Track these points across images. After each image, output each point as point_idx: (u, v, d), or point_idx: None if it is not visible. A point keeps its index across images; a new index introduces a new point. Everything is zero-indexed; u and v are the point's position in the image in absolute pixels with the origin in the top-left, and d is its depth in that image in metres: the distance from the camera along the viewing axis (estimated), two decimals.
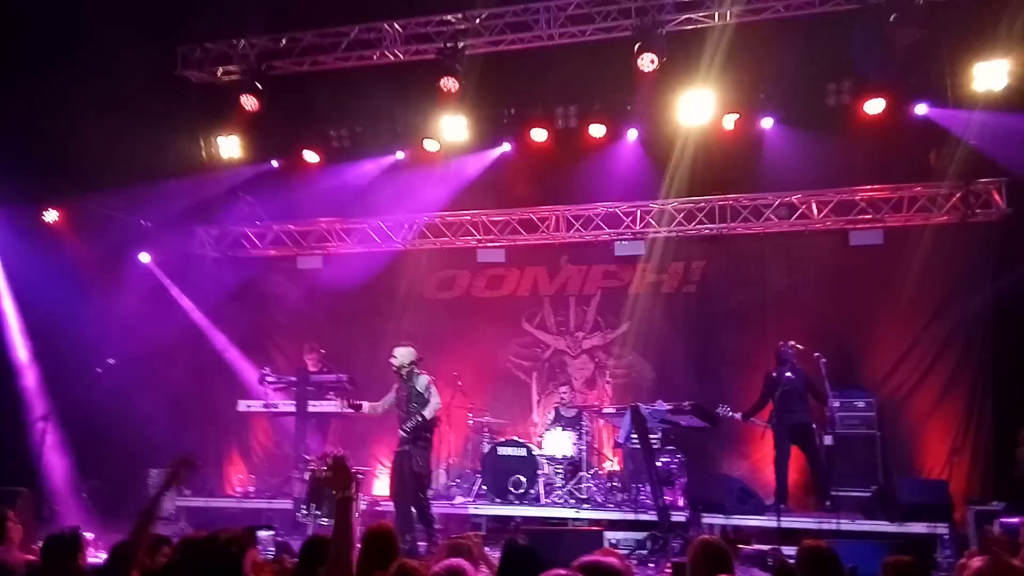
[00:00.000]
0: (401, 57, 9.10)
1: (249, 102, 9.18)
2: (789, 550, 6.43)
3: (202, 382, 10.69)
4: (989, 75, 8.01)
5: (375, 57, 9.14)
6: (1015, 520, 5.79)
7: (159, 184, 9.73)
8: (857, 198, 9.56)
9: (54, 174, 9.53)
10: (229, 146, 9.90)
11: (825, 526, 7.11)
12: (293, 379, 9.50)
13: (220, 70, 9.43)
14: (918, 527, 7.09)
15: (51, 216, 9.75)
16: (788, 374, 8.12)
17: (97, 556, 5.51)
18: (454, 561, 3.23)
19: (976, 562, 3.03)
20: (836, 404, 7.89)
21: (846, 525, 7.13)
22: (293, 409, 9.38)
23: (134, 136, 8.96)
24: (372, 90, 9.31)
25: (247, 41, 9.22)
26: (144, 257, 10.69)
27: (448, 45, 8.71)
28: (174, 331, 10.34)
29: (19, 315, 9.14)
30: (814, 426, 7.51)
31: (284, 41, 9.22)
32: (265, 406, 9.64)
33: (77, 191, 9.73)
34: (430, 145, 9.75)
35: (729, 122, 9.10)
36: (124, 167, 9.22)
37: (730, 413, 8.41)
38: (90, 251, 9.58)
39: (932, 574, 3.98)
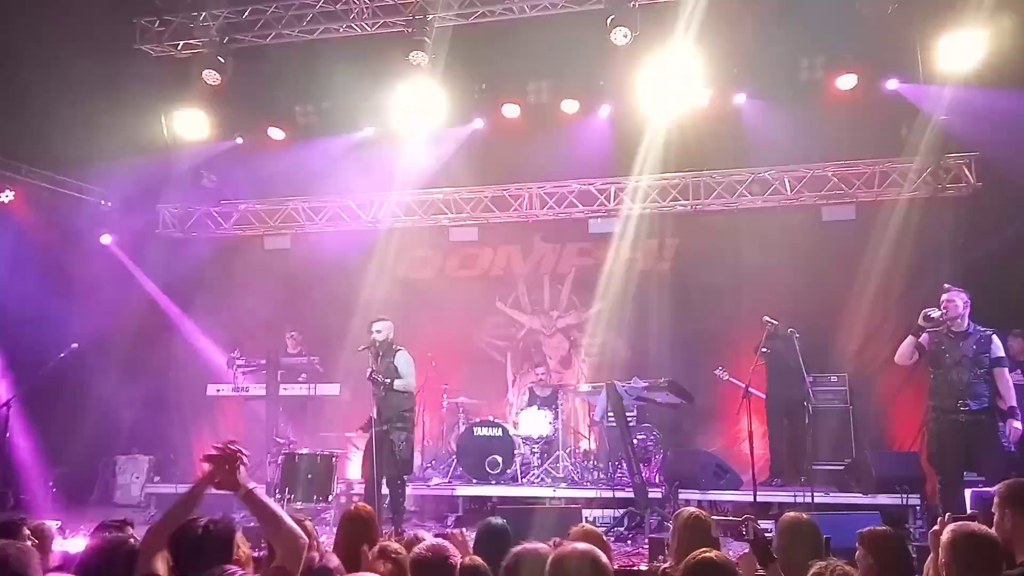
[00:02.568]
0: (368, 30, 8.86)
1: (211, 77, 8.90)
2: (766, 523, 6.48)
3: (169, 366, 10.46)
4: (959, 50, 8.03)
5: (341, 30, 8.88)
6: (989, 490, 5.86)
7: (119, 163, 9.44)
8: (829, 173, 9.60)
9: (8, 152, 9.20)
10: (191, 123, 9.60)
11: (800, 499, 7.16)
12: (262, 362, 9.32)
13: (180, 44, 9.10)
14: (891, 498, 7.17)
15: (6, 196, 9.41)
16: (781, 349, 8.11)
17: (64, 544, 5.35)
18: (438, 542, 3.17)
19: (947, 534, 3.03)
20: (810, 379, 7.91)
21: (820, 498, 7.18)
22: (264, 393, 9.21)
23: (92, 113, 8.68)
24: (339, 64, 9.07)
25: (208, 13, 8.89)
26: (106, 238, 10.39)
27: (416, 17, 8.50)
28: (139, 314, 10.09)
29: None
30: (806, 402, 7.54)
31: (247, 13, 8.90)
32: (235, 390, 9.47)
33: (33, 170, 9.41)
34: (399, 122, 9.54)
35: (703, 98, 9.02)
36: (82, 146, 8.94)
37: (726, 376, 8.44)
38: (50, 233, 9.30)
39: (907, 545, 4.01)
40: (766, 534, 4.17)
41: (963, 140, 8.84)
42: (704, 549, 3.05)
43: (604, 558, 2.72)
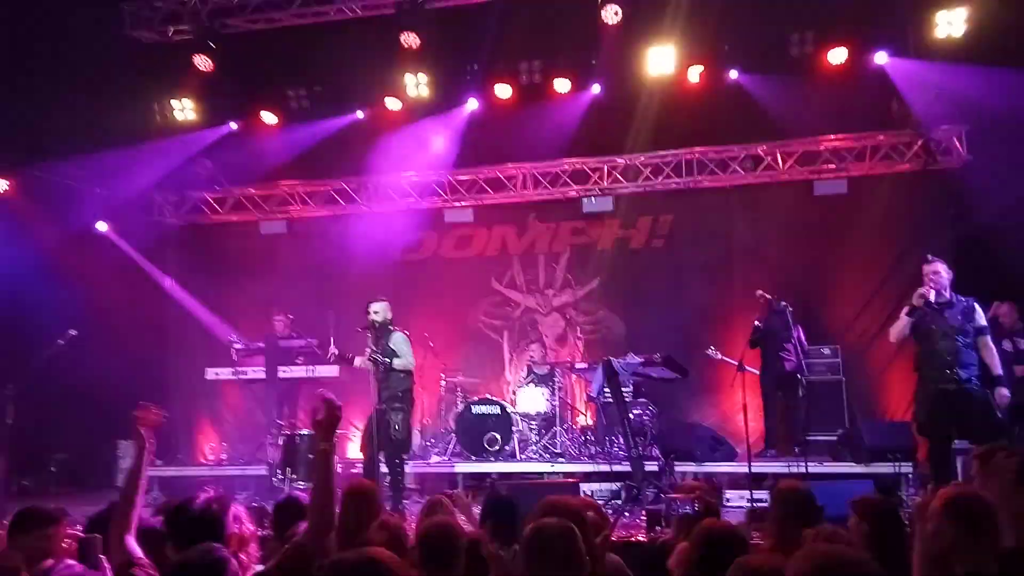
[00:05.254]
0: (359, 12, 8.84)
1: (203, 62, 8.90)
2: (760, 493, 6.62)
3: (168, 351, 10.53)
4: (950, 23, 8.08)
5: (332, 13, 8.86)
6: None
7: (113, 150, 9.42)
8: (821, 148, 9.65)
9: (1, 143, 9.18)
10: (184, 109, 9.60)
11: (794, 470, 7.28)
12: (261, 345, 9.39)
13: (171, 29, 9.07)
14: (884, 467, 7.31)
15: (1, 186, 9.41)
16: (775, 323, 8.22)
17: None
18: (442, 518, 3.24)
19: (940, 500, 3.07)
20: (803, 351, 8.03)
21: (814, 468, 7.31)
22: (262, 375, 9.29)
23: (84, 101, 8.65)
24: (330, 48, 9.06)
25: None
26: (101, 226, 10.39)
27: None
28: (137, 300, 10.13)
29: None
30: (800, 375, 7.65)
31: None
32: (234, 373, 9.51)
33: (27, 159, 9.40)
34: (392, 104, 9.55)
35: (694, 74, 9.05)
36: (76, 134, 8.91)
37: (719, 355, 8.56)
38: (45, 221, 9.29)
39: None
40: (760, 504, 4.30)
41: (954, 113, 8.89)
42: (715, 519, 3.10)
43: (578, 532, 2.77)
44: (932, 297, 6.14)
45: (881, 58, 8.69)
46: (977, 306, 6.27)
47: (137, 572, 2.85)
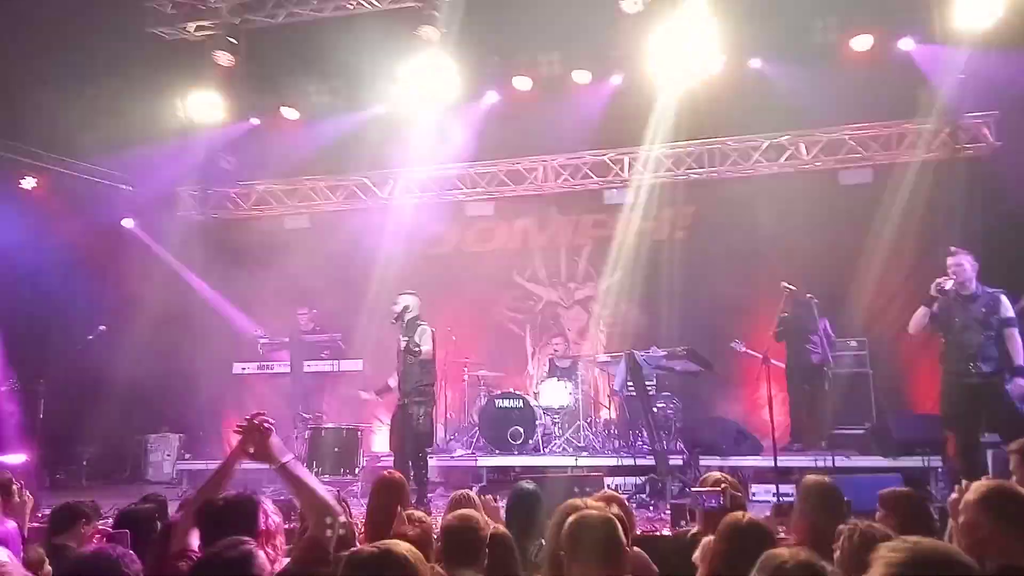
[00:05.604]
0: (379, 6, 8.84)
1: (224, 58, 8.94)
2: (787, 487, 6.56)
3: (195, 346, 10.63)
4: (976, 8, 7.90)
5: (351, 7, 8.87)
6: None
7: (138, 147, 9.54)
8: (846, 137, 9.52)
9: (29, 140, 9.32)
10: (207, 105, 9.66)
11: (821, 463, 7.22)
12: (286, 340, 9.46)
13: (192, 26, 9.12)
14: (912, 461, 7.21)
15: (29, 183, 9.55)
16: (801, 315, 8.13)
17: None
18: (465, 512, 3.24)
19: (973, 493, 3.02)
20: (829, 344, 7.94)
21: (841, 462, 7.23)
22: (288, 370, 9.36)
23: (109, 99, 8.76)
24: (350, 42, 9.07)
25: None
26: (128, 222, 10.52)
27: None
28: (163, 296, 10.24)
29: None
30: (826, 368, 7.57)
31: None
32: (260, 368, 9.62)
33: (54, 157, 9.54)
34: (412, 98, 9.54)
35: (716, 64, 8.93)
36: (101, 131, 9.02)
37: (743, 348, 8.49)
38: (72, 218, 9.43)
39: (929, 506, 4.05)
40: (786, 498, 4.25)
41: (982, 99, 8.72)
42: (742, 513, 3.06)
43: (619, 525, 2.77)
44: (948, 286, 6.04)
45: (907, 44, 8.54)
46: (1003, 298, 6.16)
47: (184, 565, 2.88)
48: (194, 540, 2.97)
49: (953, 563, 1.73)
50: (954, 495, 3.29)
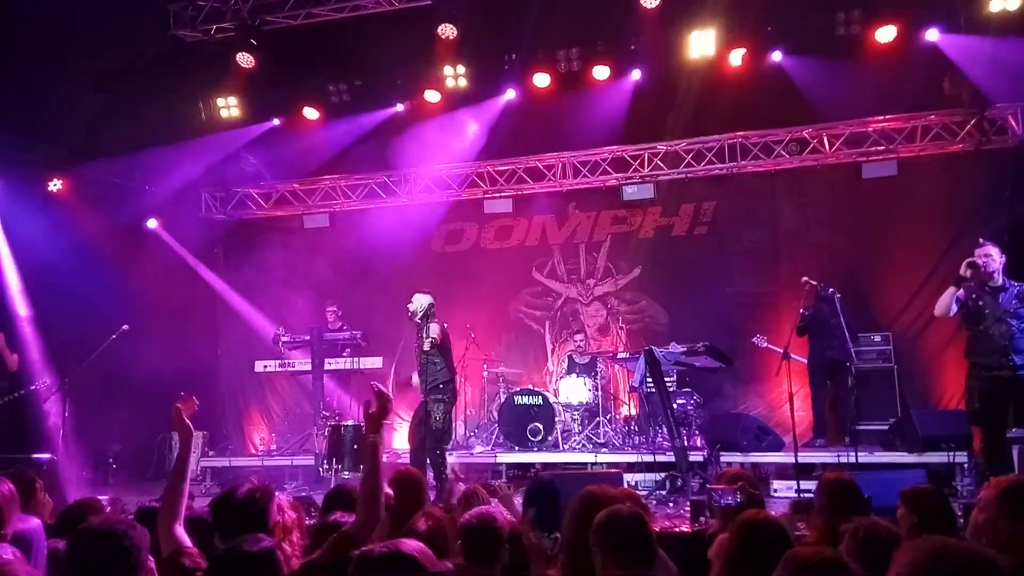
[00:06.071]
0: (397, 5, 8.87)
1: (245, 59, 9.04)
2: (808, 484, 6.50)
3: (217, 345, 10.78)
4: None
5: (369, 6, 8.91)
6: None
7: (160, 148, 9.66)
8: (869, 130, 9.38)
9: (55, 142, 9.48)
10: (228, 106, 9.77)
11: (844, 459, 7.13)
12: (307, 338, 9.53)
13: (213, 28, 9.21)
14: (937, 457, 7.10)
15: (55, 185, 9.72)
16: (823, 310, 8.04)
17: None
18: (484, 508, 3.24)
19: (989, 489, 2.95)
20: (852, 338, 7.83)
21: (865, 458, 7.15)
22: (309, 367, 9.44)
23: (133, 101, 8.87)
24: (369, 42, 9.11)
25: None
26: (151, 223, 10.66)
27: None
28: (186, 295, 10.39)
29: (25, 284, 9.15)
30: (848, 363, 7.48)
31: None
32: (281, 366, 9.70)
33: (79, 159, 9.68)
34: (431, 96, 9.58)
35: (736, 57, 8.86)
36: (125, 133, 9.14)
37: (765, 343, 8.42)
38: (97, 219, 9.56)
39: (952, 501, 3.97)
40: (807, 494, 4.21)
41: (1008, 90, 8.54)
42: (757, 510, 3.04)
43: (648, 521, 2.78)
44: (980, 261, 5.93)
45: (932, 35, 8.40)
46: None
47: (185, 561, 2.91)
48: (183, 536, 3.00)
49: (981, 563, 1.69)
50: (984, 491, 3.24)
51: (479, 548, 3.06)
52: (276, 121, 10.34)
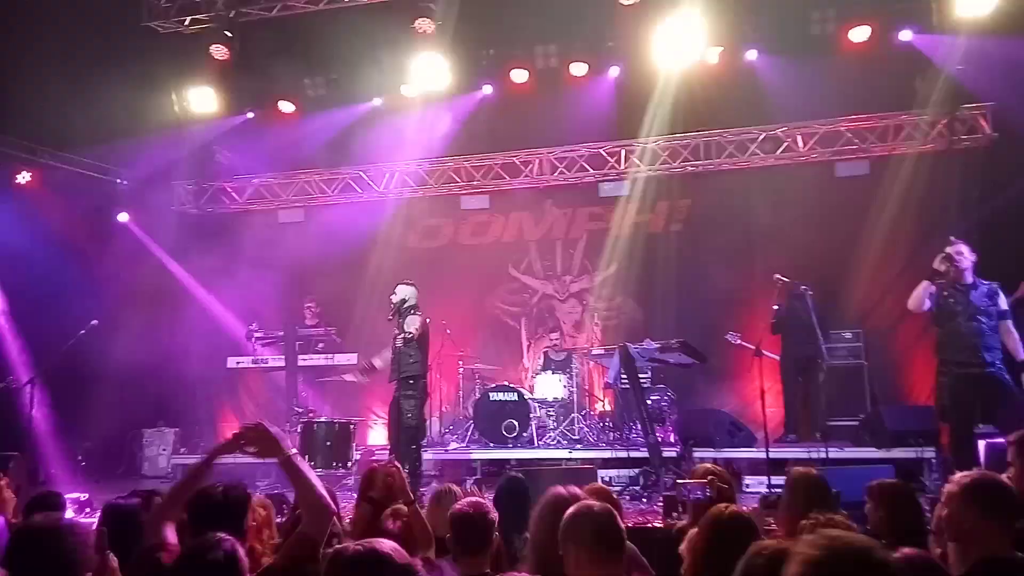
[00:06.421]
0: None
1: (219, 51, 8.92)
2: (779, 479, 6.56)
3: (190, 340, 10.62)
4: None
5: (347, 0, 8.83)
6: (1001, 441, 5.88)
7: (133, 141, 9.52)
8: (842, 129, 9.49)
9: (24, 135, 9.30)
10: (202, 99, 9.64)
11: (814, 455, 7.21)
12: (281, 334, 9.46)
13: (188, 19, 9.08)
14: (906, 452, 7.21)
15: (24, 178, 9.54)
16: (796, 307, 8.10)
17: (92, 517, 5.53)
18: (476, 500, 3.24)
19: (954, 485, 2.98)
20: (823, 335, 7.91)
21: (835, 453, 7.23)
22: (282, 364, 9.36)
23: (104, 92, 8.72)
24: (346, 35, 9.03)
25: None
26: (123, 216, 10.51)
27: None
28: (158, 290, 10.24)
29: None
30: (820, 360, 7.56)
31: None
32: (254, 362, 9.62)
33: (48, 151, 9.51)
34: (408, 91, 9.53)
35: (712, 56, 8.92)
36: (96, 125, 8.99)
37: (739, 340, 8.49)
38: (67, 212, 9.41)
39: (920, 497, 4.02)
40: (779, 490, 4.24)
41: (979, 90, 8.68)
42: (725, 505, 3.06)
43: (618, 517, 2.79)
44: (953, 253, 6.01)
45: (905, 36, 8.51)
46: (1000, 290, 6.15)
47: (164, 557, 2.87)
48: (171, 534, 2.96)
49: (872, 561, 1.70)
50: (948, 486, 3.29)
51: (470, 537, 3.05)
52: (251, 114, 10.24)
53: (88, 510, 6.34)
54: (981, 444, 6.09)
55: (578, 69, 9.28)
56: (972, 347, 6.03)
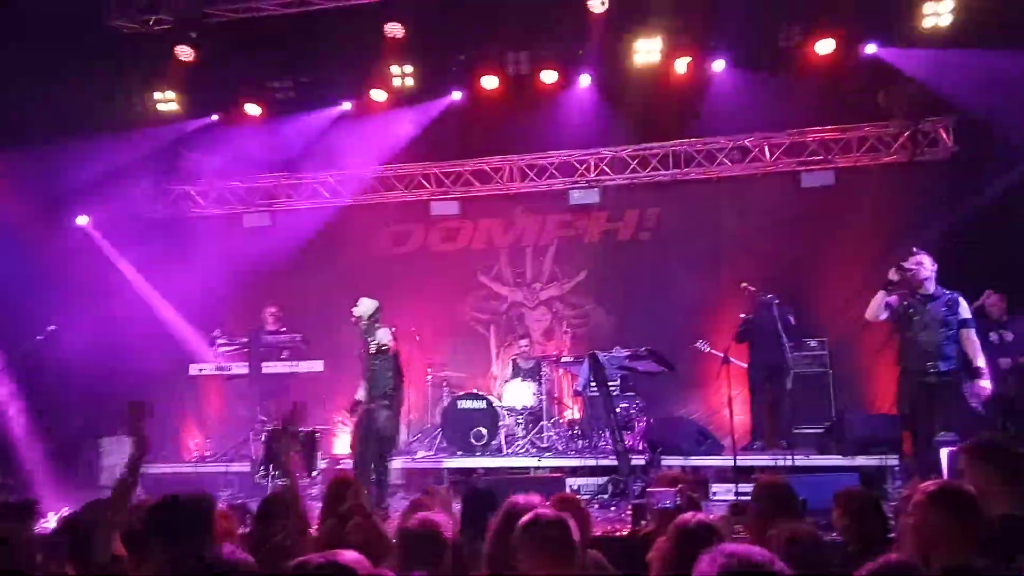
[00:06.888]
0: (344, 2, 8.72)
1: (184, 53, 8.78)
2: (746, 487, 6.58)
3: (150, 346, 10.39)
4: (936, 12, 8.06)
5: (316, 2, 8.73)
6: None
7: (95, 142, 9.29)
8: (808, 139, 9.62)
9: None
10: (166, 100, 9.47)
11: (780, 463, 7.26)
12: (245, 340, 9.28)
13: (152, 19, 8.91)
14: (869, 460, 7.29)
15: None
16: (763, 315, 8.16)
17: (47, 523, 5.38)
18: (428, 514, 3.18)
19: (921, 495, 3.01)
20: (790, 344, 7.99)
21: (801, 461, 7.28)
22: (246, 371, 9.18)
23: (65, 92, 8.54)
24: (315, 38, 8.95)
25: None
26: (82, 219, 10.26)
27: None
28: (118, 295, 10.00)
29: None
30: (786, 368, 7.62)
31: None
32: (217, 369, 9.41)
33: (7, 150, 9.25)
34: (377, 95, 9.46)
35: (681, 66, 8.99)
36: (57, 125, 8.79)
37: (707, 348, 8.53)
38: (22, 214, 9.13)
39: (884, 504, 4.06)
40: (746, 497, 4.24)
41: (941, 103, 8.86)
42: (692, 513, 3.04)
43: (572, 524, 2.76)
44: (910, 267, 6.12)
45: (870, 49, 8.66)
46: (961, 299, 6.26)
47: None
48: (119, 546, 2.88)
49: (768, 574, 1.73)
50: (905, 492, 3.32)
51: (418, 555, 2.99)
52: (215, 117, 10.07)
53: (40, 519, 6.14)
54: (943, 452, 6.16)
55: (548, 76, 9.28)
56: (929, 355, 6.15)
